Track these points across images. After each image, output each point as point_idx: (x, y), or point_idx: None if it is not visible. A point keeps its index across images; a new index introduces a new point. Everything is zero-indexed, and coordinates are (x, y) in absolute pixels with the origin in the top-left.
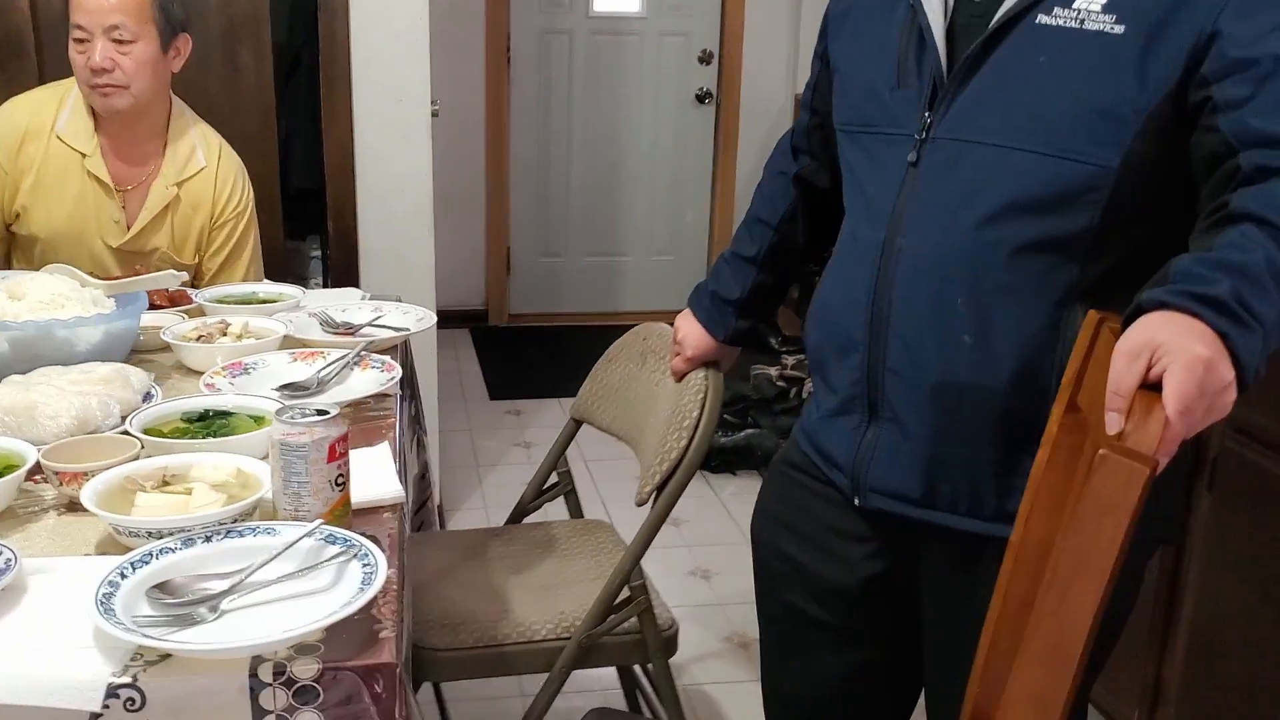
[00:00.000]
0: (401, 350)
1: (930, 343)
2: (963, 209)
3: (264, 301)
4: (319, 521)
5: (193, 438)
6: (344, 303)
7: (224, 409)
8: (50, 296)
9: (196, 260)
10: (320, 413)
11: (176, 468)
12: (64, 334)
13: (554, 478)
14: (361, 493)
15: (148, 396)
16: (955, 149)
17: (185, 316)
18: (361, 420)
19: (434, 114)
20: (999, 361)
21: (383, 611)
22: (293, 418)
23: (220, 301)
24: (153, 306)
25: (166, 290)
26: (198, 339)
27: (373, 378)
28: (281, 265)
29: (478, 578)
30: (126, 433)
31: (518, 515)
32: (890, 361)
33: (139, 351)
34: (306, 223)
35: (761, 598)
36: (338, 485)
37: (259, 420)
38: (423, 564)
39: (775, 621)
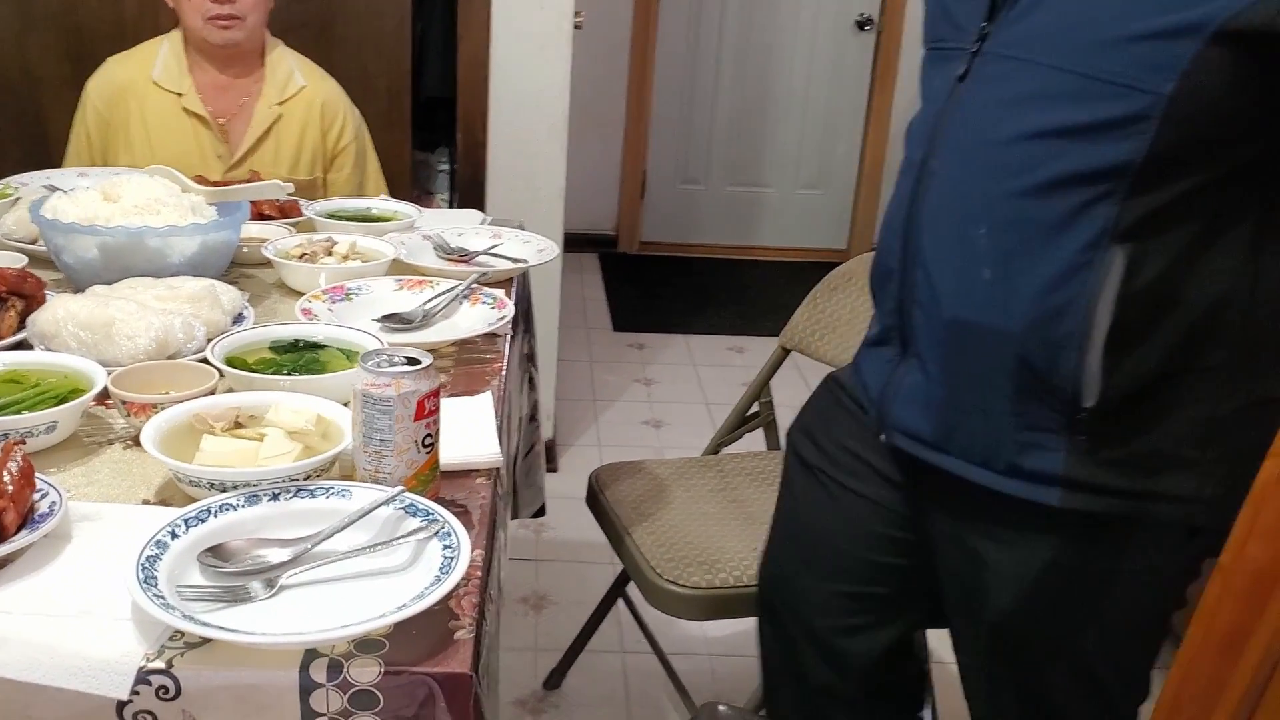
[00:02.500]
0: (519, 282)
1: (949, 275)
2: (993, 130)
3: (377, 219)
4: (400, 488)
5: (278, 371)
6: (461, 225)
7: (316, 340)
8: (146, 201)
9: (320, 180)
10: (411, 361)
11: (252, 407)
12: (156, 243)
13: (755, 407)
14: (453, 452)
15: (239, 319)
16: (1001, 65)
17: (292, 230)
18: (465, 363)
19: (577, 25)
20: (1017, 302)
21: (462, 605)
22: (378, 365)
23: (331, 216)
24: (261, 217)
25: (276, 201)
26: (300, 257)
27: (482, 315)
28: (408, 177)
29: (711, 510)
30: (207, 361)
31: (716, 446)
32: (917, 293)
33: (240, 265)
34: (436, 134)
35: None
36: (425, 446)
37: (351, 357)
38: (638, 495)
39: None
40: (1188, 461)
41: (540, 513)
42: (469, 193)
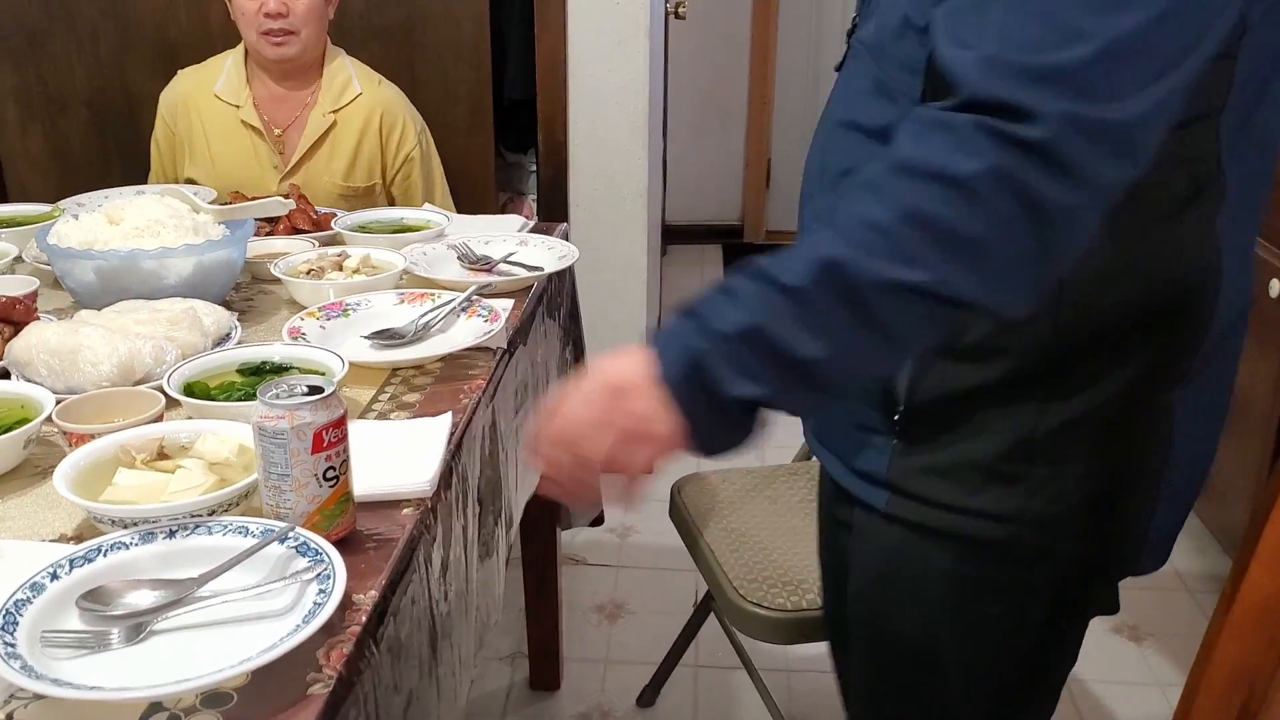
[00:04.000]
0: (553, 288)
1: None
2: (829, 116)
3: (409, 229)
4: (287, 526)
5: (231, 397)
6: (492, 232)
7: (282, 362)
8: (147, 223)
9: (378, 186)
10: (314, 390)
11: (179, 437)
12: (150, 265)
13: None
14: (378, 481)
15: (225, 340)
16: (853, 59)
17: (315, 244)
18: (446, 379)
19: (680, 15)
20: None
21: (329, 657)
22: (275, 397)
23: (362, 229)
24: (295, 231)
25: (312, 214)
26: (308, 273)
27: (476, 329)
28: (492, 181)
29: (798, 525)
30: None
31: (808, 451)
32: None
33: (262, 280)
34: (525, 135)
35: None
36: (327, 480)
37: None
38: (721, 507)
39: None
40: (1008, 477)
41: (598, 522)
42: (552, 194)
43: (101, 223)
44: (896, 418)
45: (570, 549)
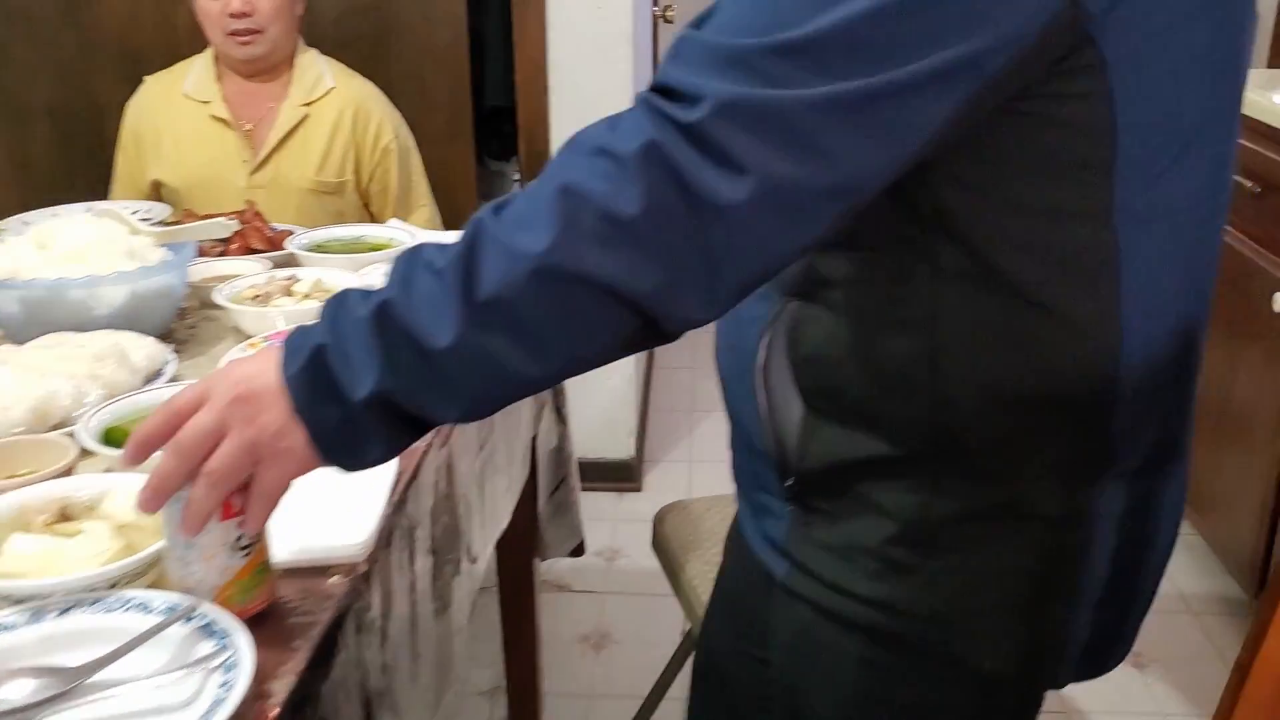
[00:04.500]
0: None
1: None
2: None
3: (369, 248)
4: (190, 603)
5: None
6: None
7: None
8: (79, 248)
9: (351, 184)
10: None
11: (85, 495)
12: (79, 295)
13: None
14: (305, 543)
15: (157, 376)
16: None
17: (270, 265)
18: None
19: (668, 20)
20: (721, 349)
21: None
22: None
23: (317, 248)
24: (250, 251)
25: (265, 232)
26: (255, 298)
27: None
28: (473, 189)
29: None
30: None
31: None
32: None
33: (210, 307)
34: (507, 142)
35: None
36: (241, 549)
37: None
38: (703, 537)
39: None
40: (902, 566)
41: (578, 551)
42: None
43: (29, 248)
44: (790, 483)
45: (553, 575)
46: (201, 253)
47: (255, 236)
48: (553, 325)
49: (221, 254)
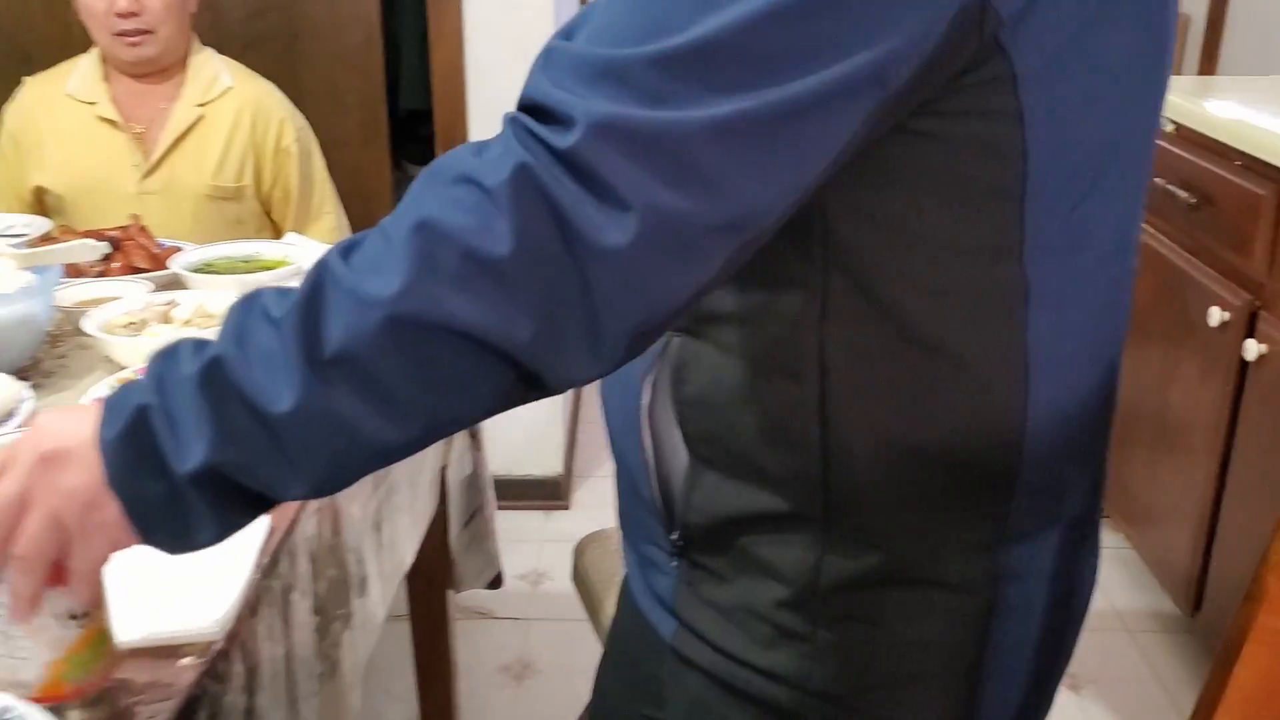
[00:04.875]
0: None
1: None
2: None
3: (261, 267)
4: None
5: None
6: None
7: None
8: None
9: (250, 189)
10: None
11: None
12: None
13: None
14: (151, 620)
15: (9, 418)
16: None
17: (151, 287)
18: None
19: None
20: (606, 395)
21: None
22: None
23: (206, 268)
24: (134, 270)
25: (151, 249)
26: (128, 325)
27: None
28: (389, 195)
29: None
30: None
31: None
32: None
33: (85, 334)
34: (429, 146)
35: None
36: (73, 619)
37: None
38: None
39: None
40: (793, 634)
41: (495, 584)
42: None
43: None
44: (675, 537)
45: (474, 601)
46: (80, 273)
47: (139, 255)
48: (411, 383)
49: (101, 274)
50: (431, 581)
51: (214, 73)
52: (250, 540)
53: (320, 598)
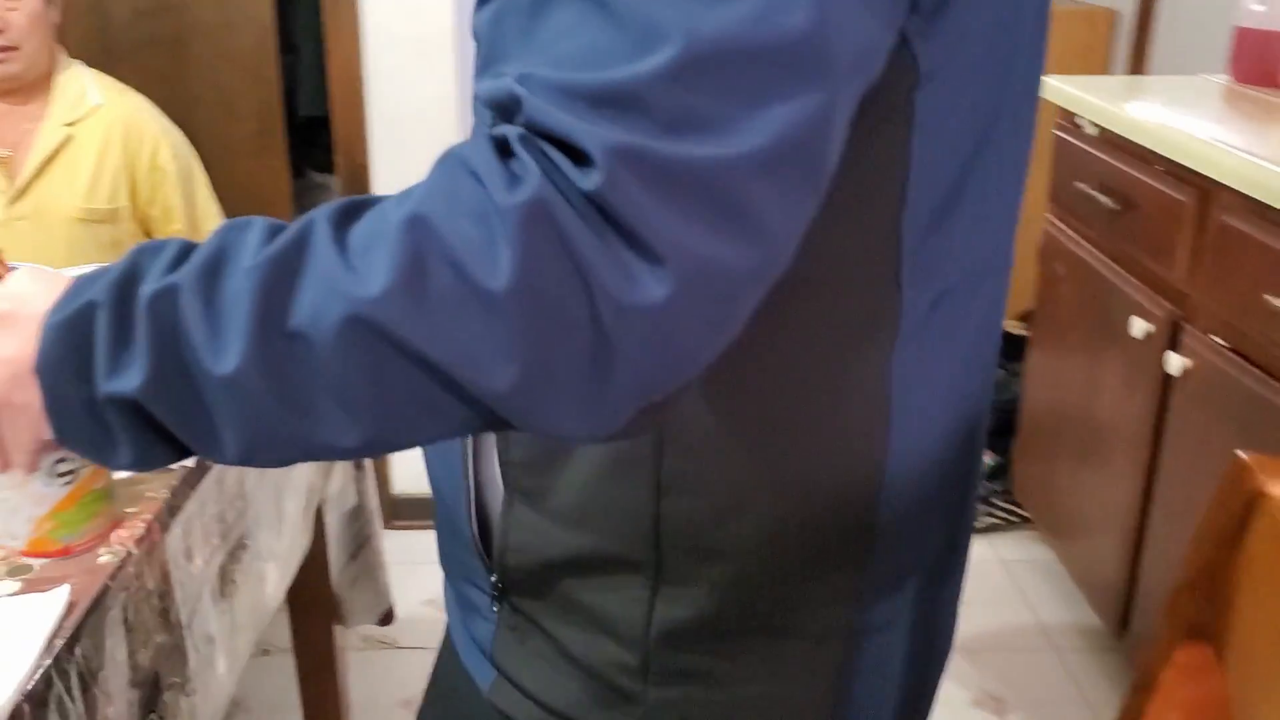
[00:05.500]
0: None
1: None
2: None
3: None
4: None
5: None
6: None
7: None
8: None
9: (126, 210)
10: None
11: None
12: None
13: None
14: None
15: None
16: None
17: None
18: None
19: None
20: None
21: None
22: None
23: None
24: None
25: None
26: None
27: None
28: (289, 205)
29: None
30: None
31: None
32: None
33: None
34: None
35: None
36: (60, 475)
37: None
38: None
39: None
40: (618, 691)
41: (386, 620)
42: None
43: None
44: (494, 579)
45: (374, 629)
46: None
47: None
48: (362, 391)
49: None
50: (314, 617)
51: (81, 89)
52: (41, 621)
53: (142, 671)
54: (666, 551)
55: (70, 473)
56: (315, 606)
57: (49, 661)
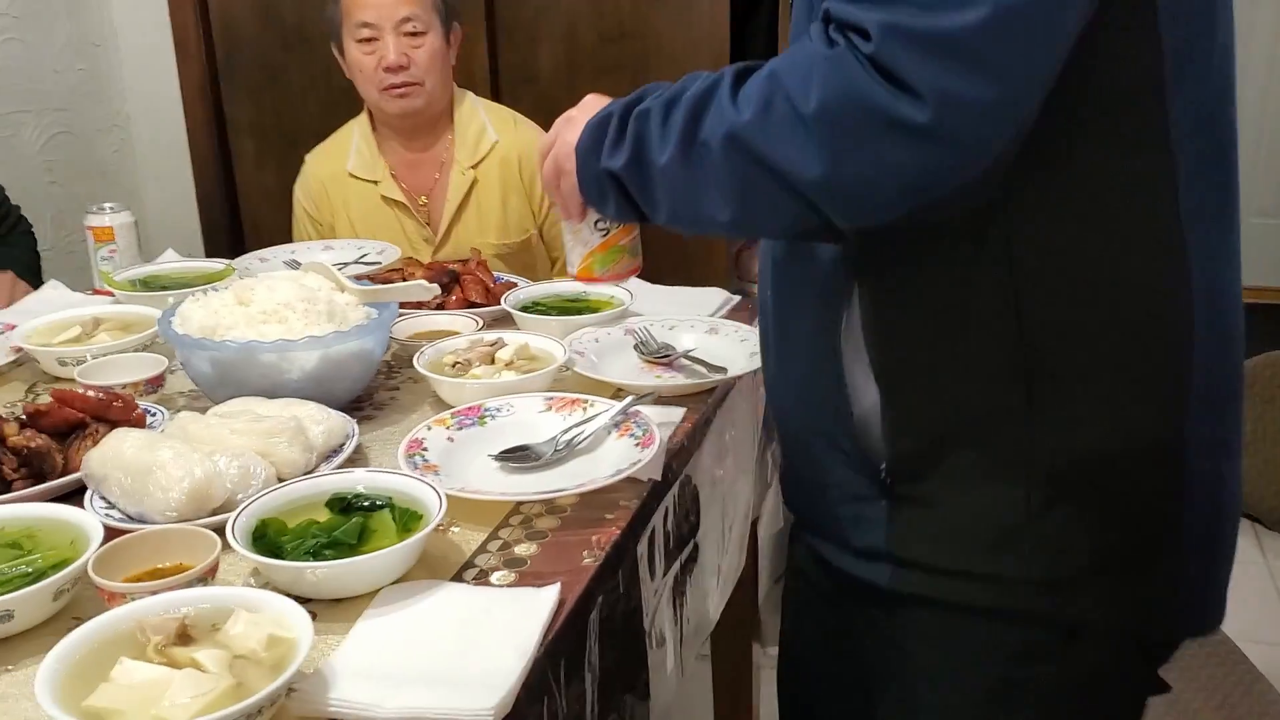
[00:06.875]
0: (736, 394)
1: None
2: None
3: (586, 309)
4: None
5: (303, 547)
6: (683, 313)
7: (367, 493)
8: (275, 306)
9: (534, 237)
10: None
11: (210, 614)
12: (270, 358)
13: None
14: (429, 694)
15: (336, 453)
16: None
17: (479, 323)
18: (581, 521)
19: None
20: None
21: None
22: None
23: (534, 306)
24: (469, 305)
25: (487, 284)
26: (454, 365)
27: (623, 453)
28: None
29: None
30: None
31: None
32: None
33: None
34: None
35: None
36: (599, 229)
37: (411, 524)
38: None
39: None
40: (1013, 533)
41: None
42: None
43: (229, 304)
44: (884, 478)
45: None
46: (419, 305)
47: (475, 289)
48: (733, 188)
49: (440, 306)
50: (734, 636)
51: (480, 127)
52: (539, 610)
53: (598, 679)
54: (1037, 397)
55: (605, 230)
56: (735, 628)
57: (541, 653)
